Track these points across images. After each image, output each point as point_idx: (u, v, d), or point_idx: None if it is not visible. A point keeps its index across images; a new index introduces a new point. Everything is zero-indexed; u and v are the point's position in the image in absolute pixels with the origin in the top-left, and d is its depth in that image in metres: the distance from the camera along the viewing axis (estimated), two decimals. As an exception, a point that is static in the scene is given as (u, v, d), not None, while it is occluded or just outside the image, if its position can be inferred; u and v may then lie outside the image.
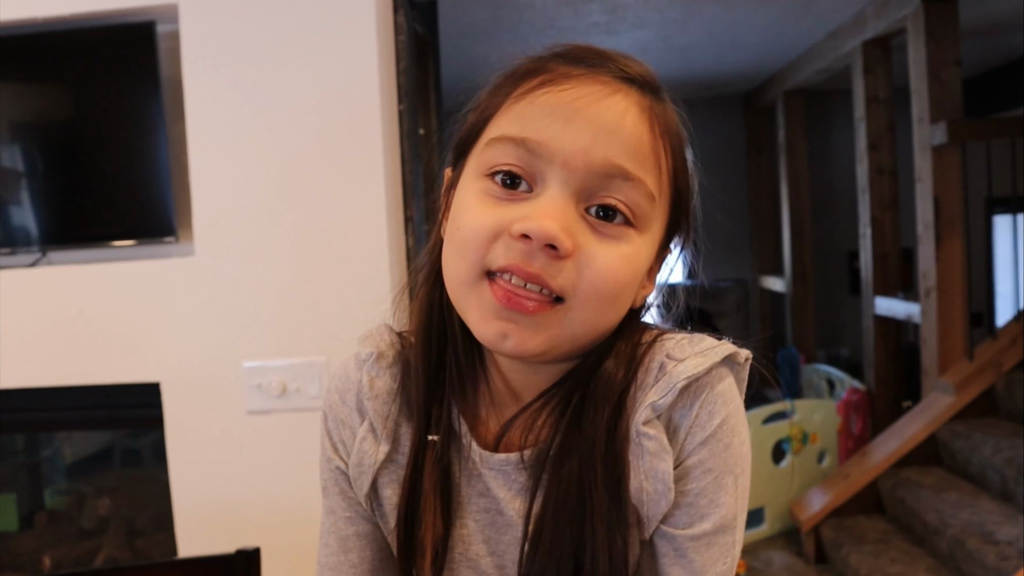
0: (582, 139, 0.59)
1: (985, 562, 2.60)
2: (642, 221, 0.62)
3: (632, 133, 0.60)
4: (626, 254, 0.61)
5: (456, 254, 0.62)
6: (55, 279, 1.74)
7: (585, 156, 0.59)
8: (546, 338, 0.61)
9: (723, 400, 0.63)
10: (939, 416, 3.41)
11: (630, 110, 0.61)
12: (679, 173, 0.66)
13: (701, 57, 4.89)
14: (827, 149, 6.00)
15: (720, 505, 0.63)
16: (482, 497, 0.68)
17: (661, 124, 0.63)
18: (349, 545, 0.73)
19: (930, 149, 3.52)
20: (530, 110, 0.61)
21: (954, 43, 3.51)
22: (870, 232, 4.20)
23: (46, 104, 1.82)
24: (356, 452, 0.71)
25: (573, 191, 0.60)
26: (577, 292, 0.60)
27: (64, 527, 2.15)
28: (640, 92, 0.63)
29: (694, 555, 0.62)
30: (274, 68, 1.63)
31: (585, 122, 0.59)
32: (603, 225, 0.60)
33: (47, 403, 1.79)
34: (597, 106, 0.60)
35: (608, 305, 0.62)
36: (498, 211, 0.60)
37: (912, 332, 4.60)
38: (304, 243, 1.63)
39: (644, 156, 0.61)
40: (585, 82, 0.61)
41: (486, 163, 0.62)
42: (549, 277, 0.59)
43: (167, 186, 1.72)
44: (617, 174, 0.60)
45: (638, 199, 0.61)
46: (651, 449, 0.61)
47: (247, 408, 1.66)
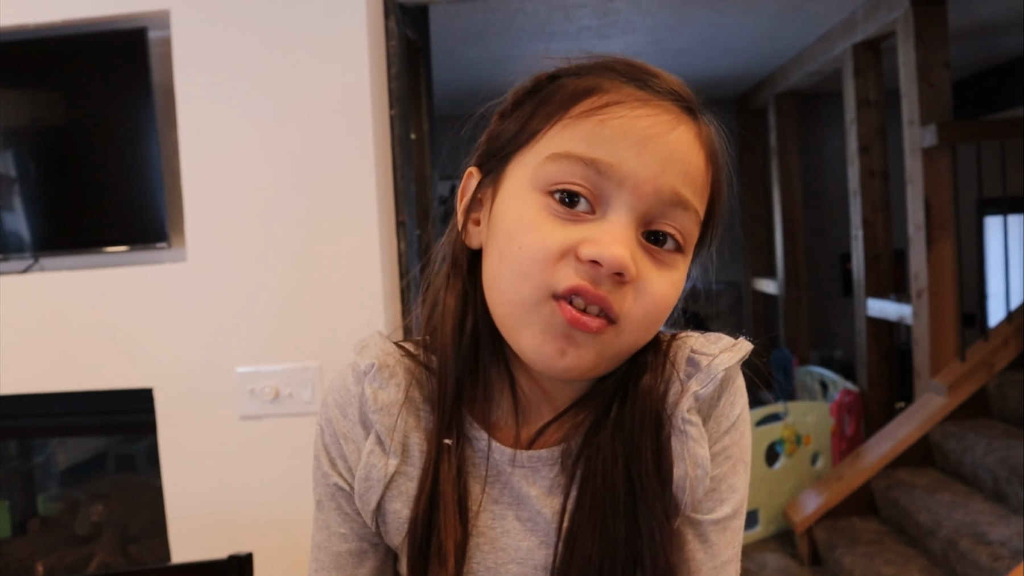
0: (653, 166, 0.60)
1: (978, 562, 2.61)
2: (689, 246, 0.64)
3: (695, 164, 0.62)
4: (675, 280, 0.63)
5: (516, 273, 0.61)
6: (48, 285, 1.74)
7: (655, 183, 0.60)
8: (596, 356, 0.62)
9: (741, 392, 0.68)
10: (932, 417, 3.43)
11: (693, 142, 0.63)
12: (717, 191, 0.67)
13: (692, 60, 4.91)
14: (819, 151, 6.02)
15: (736, 490, 0.67)
16: (498, 504, 0.67)
17: (709, 149, 0.65)
18: (342, 562, 0.72)
19: (920, 151, 3.54)
20: (601, 131, 0.60)
21: (943, 46, 3.53)
22: (862, 234, 4.22)
23: (38, 110, 1.82)
24: (363, 466, 0.69)
25: (637, 216, 0.61)
26: (631, 316, 0.61)
27: (57, 533, 2.15)
28: (695, 120, 0.64)
29: (715, 538, 0.66)
30: (266, 74, 1.63)
31: (658, 150, 0.60)
32: (657, 251, 0.62)
33: (40, 409, 1.79)
34: (668, 136, 0.61)
35: (654, 328, 0.64)
36: (564, 231, 0.60)
37: (904, 333, 4.62)
38: (296, 248, 1.63)
39: (700, 185, 0.63)
40: (656, 109, 0.62)
41: (546, 178, 0.61)
42: (614, 301, 0.60)
43: (159, 191, 1.72)
44: (679, 203, 0.61)
45: (690, 226, 0.63)
46: (694, 435, 0.64)
47: (240, 413, 1.66)
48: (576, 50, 0.68)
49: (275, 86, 1.63)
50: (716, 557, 0.66)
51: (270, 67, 1.63)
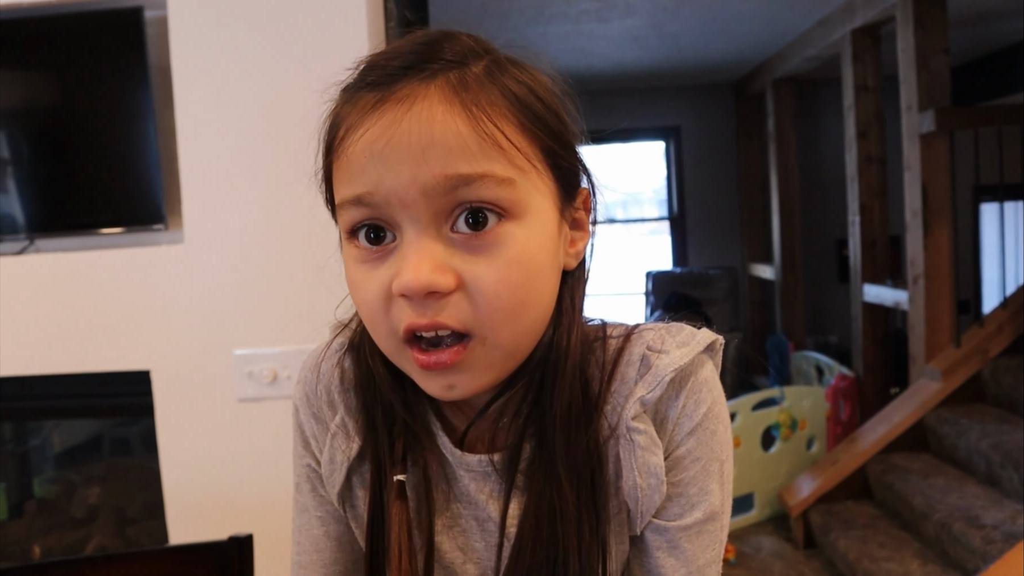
0: (404, 171, 0.54)
1: (971, 546, 2.63)
2: (513, 208, 0.56)
3: (447, 134, 0.54)
4: (512, 256, 0.56)
5: (370, 330, 0.61)
6: (43, 267, 1.73)
7: (415, 185, 0.54)
8: (483, 371, 0.58)
9: (707, 388, 0.62)
10: (926, 402, 3.44)
11: (434, 112, 0.55)
12: (534, 134, 0.58)
13: (691, 45, 4.89)
14: (816, 137, 6.01)
15: (709, 493, 0.63)
16: (457, 502, 0.66)
17: (477, 99, 0.56)
18: (321, 545, 0.71)
19: (918, 137, 3.54)
20: (350, 164, 0.57)
21: (942, 31, 3.52)
22: (859, 220, 4.22)
23: (32, 91, 1.81)
24: (328, 449, 0.68)
25: (428, 222, 0.56)
26: (481, 321, 0.56)
27: (54, 516, 2.15)
28: (442, 81, 0.56)
29: (686, 544, 0.62)
30: (263, 55, 1.62)
31: (396, 152, 0.54)
32: (476, 237, 0.56)
33: (36, 391, 1.78)
34: (401, 130, 0.54)
35: (519, 314, 0.57)
36: (376, 276, 0.57)
37: (900, 319, 4.64)
38: (294, 230, 1.63)
39: (474, 148, 0.55)
40: (382, 110, 0.56)
41: (344, 227, 0.59)
42: (447, 318, 0.56)
43: (156, 173, 1.71)
44: (457, 183, 0.54)
45: (494, 193, 0.55)
46: (642, 443, 0.61)
47: (238, 396, 1.66)
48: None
49: (273, 66, 1.61)
50: (691, 563, 0.62)
51: (268, 47, 1.61)
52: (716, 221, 6.34)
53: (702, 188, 6.31)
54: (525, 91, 0.59)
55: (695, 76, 5.86)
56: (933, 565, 2.79)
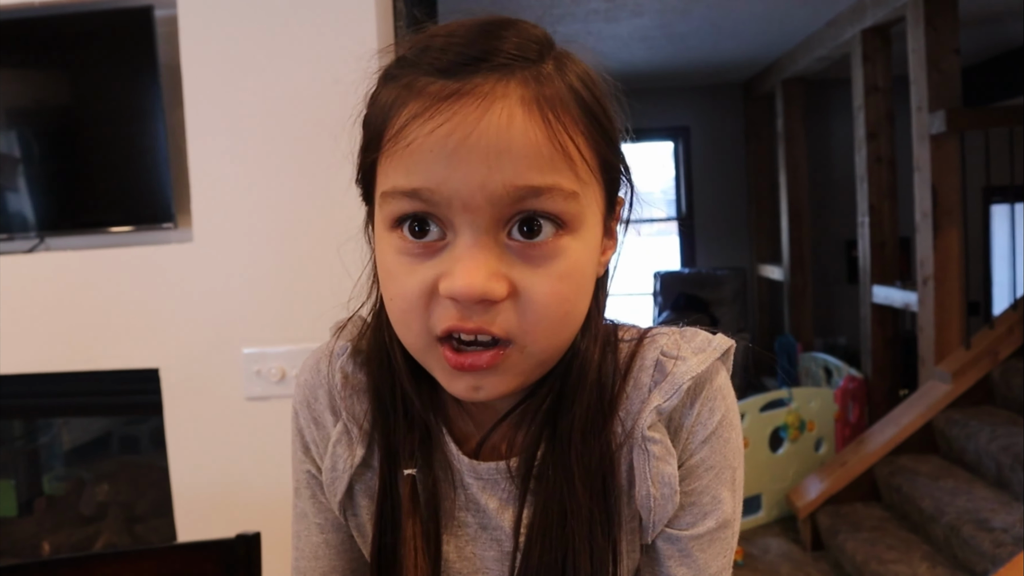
0: (475, 173, 0.52)
1: (980, 549, 2.61)
2: (573, 220, 0.55)
3: (524, 142, 0.52)
4: (565, 270, 0.55)
5: (399, 324, 0.58)
6: (53, 265, 1.73)
7: (483, 191, 0.52)
8: (513, 377, 0.57)
9: (722, 395, 0.62)
10: (936, 404, 3.43)
11: (514, 116, 0.52)
12: (597, 143, 0.57)
13: (700, 45, 4.88)
14: (826, 138, 5.99)
15: (721, 501, 0.62)
16: (464, 511, 0.64)
17: (554, 105, 0.54)
18: (319, 553, 0.69)
19: (928, 138, 3.52)
20: (412, 155, 0.53)
21: (953, 31, 3.50)
22: (868, 221, 4.20)
23: (43, 90, 1.81)
24: (330, 456, 0.66)
25: (487, 228, 0.53)
26: (525, 331, 0.55)
27: (63, 513, 2.16)
28: (520, 81, 0.54)
29: (698, 553, 0.61)
30: (273, 54, 1.62)
31: (470, 153, 0.52)
32: (531, 247, 0.54)
33: (45, 389, 1.79)
34: (478, 131, 0.51)
35: (562, 326, 0.57)
36: (420, 272, 0.55)
37: (909, 321, 4.61)
38: (303, 229, 1.63)
39: (547, 158, 0.53)
40: (457, 101, 0.52)
41: (389, 216, 0.56)
42: (490, 325, 0.54)
43: (165, 172, 1.71)
44: (526, 194, 0.53)
45: (559, 206, 0.54)
46: (656, 453, 0.60)
47: (246, 394, 1.66)
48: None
49: (282, 65, 1.61)
50: (702, 571, 0.61)
51: (277, 46, 1.61)
52: (724, 222, 6.32)
53: (711, 188, 6.30)
54: (589, 94, 0.57)
55: (704, 76, 5.85)
56: (942, 568, 2.78)
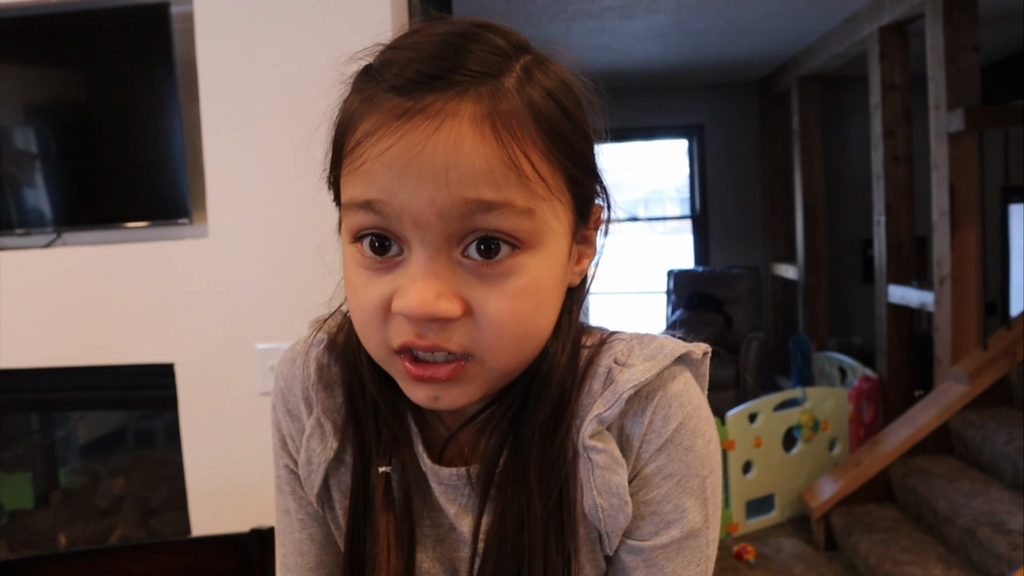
0: (422, 191, 0.52)
1: (996, 551, 2.59)
2: (530, 237, 0.54)
3: (473, 158, 0.51)
4: (520, 287, 0.54)
5: (360, 333, 0.59)
6: (70, 260, 1.75)
7: (432, 206, 0.52)
8: (475, 388, 0.57)
9: (679, 402, 0.59)
10: (952, 405, 3.40)
11: (464, 134, 0.52)
12: (559, 160, 0.55)
13: (716, 42, 4.85)
14: (842, 136, 5.95)
15: (686, 510, 0.59)
16: (434, 511, 0.64)
17: (509, 122, 0.53)
18: (303, 548, 0.69)
19: (946, 136, 3.49)
20: (365, 170, 0.54)
21: (973, 29, 3.47)
22: (884, 220, 4.17)
23: (60, 86, 1.82)
24: (304, 450, 0.66)
25: (440, 245, 0.53)
26: (483, 346, 0.55)
27: (79, 506, 2.17)
28: (474, 98, 0.53)
29: (664, 562, 0.59)
30: (288, 50, 1.62)
31: (421, 170, 0.51)
32: (486, 265, 0.54)
33: (61, 383, 1.80)
34: (427, 149, 0.51)
35: (522, 343, 0.56)
36: (378, 286, 0.55)
37: (925, 321, 4.58)
38: (318, 225, 1.63)
39: (499, 175, 0.52)
40: (408, 124, 0.52)
41: (349, 229, 0.57)
42: (447, 342, 0.54)
43: (181, 168, 1.72)
44: (476, 208, 0.52)
45: (511, 223, 0.53)
46: (601, 463, 0.58)
47: (260, 389, 1.67)
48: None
49: (298, 61, 1.62)
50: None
51: (293, 43, 1.62)
52: (739, 220, 6.29)
53: (725, 186, 6.27)
54: (554, 109, 0.55)
55: (719, 74, 5.82)
56: (957, 570, 2.76)
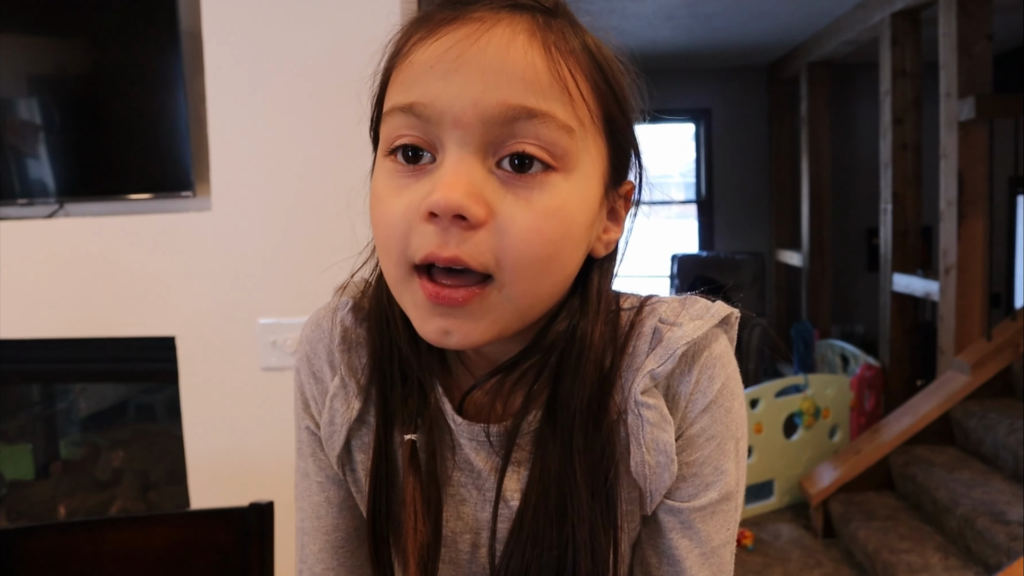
0: (469, 89, 0.52)
1: (995, 542, 2.59)
2: (565, 159, 0.54)
3: (523, 64, 0.52)
4: (551, 207, 0.53)
5: (381, 252, 0.58)
6: (72, 231, 1.74)
7: (475, 107, 0.52)
8: (489, 324, 0.55)
9: (721, 363, 0.60)
10: (954, 395, 3.39)
11: (516, 39, 0.52)
12: (602, 94, 0.56)
13: (726, 25, 4.81)
14: (850, 123, 5.91)
15: (724, 472, 0.60)
16: (458, 470, 0.64)
17: (560, 44, 0.54)
18: (321, 512, 0.69)
19: (957, 124, 3.46)
20: (412, 72, 0.54)
21: (986, 16, 3.43)
22: (891, 208, 4.15)
23: (64, 57, 1.81)
24: (328, 410, 0.66)
25: (476, 149, 0.53)
26: (503, 264, 0.53)
27: (79, 478, 2.18)
28: (529, 16, 0.54)
29: (700, 525, 0.60)
30: (295, 21, 1.60)
31: (466, 68, 0.52)
32: (518, 178, 0.53)
33: (63, 354, 1.80)
34: (476, 47, 0.52)
35: (543, 269, 0.54)
36: (406, 195, 0.55)
37: (929, 310, 4.57)
38: (323, 200, 1.62)
39: (545, 85, 0.52)
40: (461, 24, 0.53)
41: (386, 140, 0.57)
42: (468, 256, 0.52)
43: (185, 140, 1.70)
44: (519, 115, 0.52)
45: (551, 135, 0.53)
46: (651, 419, 0.58)
47: (262, 364, 1.66)
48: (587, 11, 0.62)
49: (304, 34, 1.60)
50: (705, 543, 0.60)
51: (299, 15, 1.60)
52: (744, 206, 6.27)
53: (731, 172, 6.24)
54: (598, 52, 0.57)
55: (728, 58, 5.78)
56: (955, 559, 2.76)
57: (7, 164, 1.78)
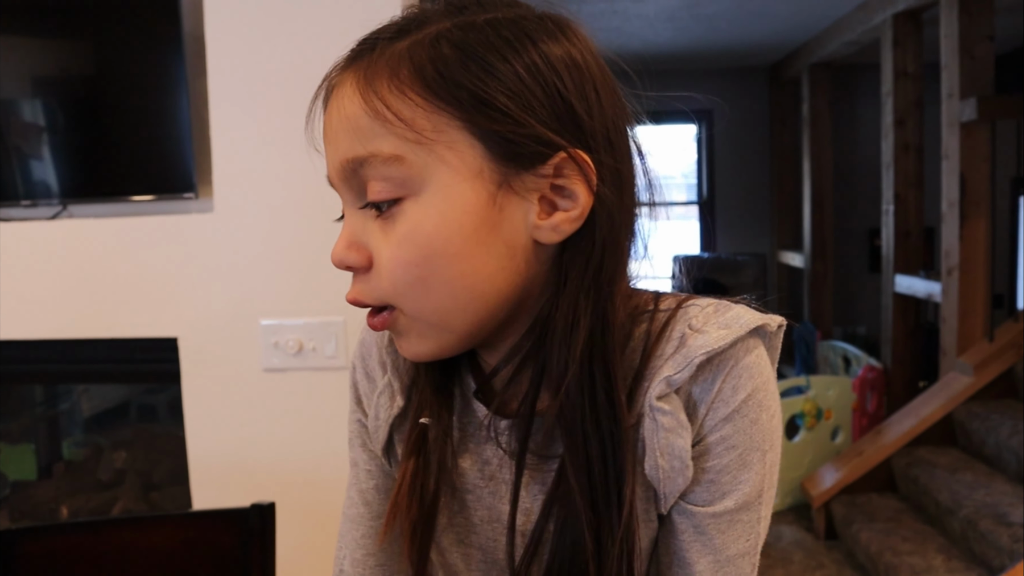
0: (330, 155, 0.60)
1: (998, 543, 2.59)
2: (407, 185, 0.55)
3: (348, 118, 0.57)
4: (403, 234, 0.56)
5: None
6: (75, 232, 1.74)
7: (334, 169, 0.59)
8: (419, 339, 0.60)
9: (749, 374, 0.58)
10: (956, 396, 3.39)
11: (344, 97, 0.58)
12: (452, 91, 0.54)
13: (727, 27, 4.81)
14: (851, 124, 5.91)
15: (743, 482, 0.59)
16: (479, 458, 0.65)
17: (380, 72, 0.56)
18: (369, 498, 0.72)
19: (958, 125, 3.46)
20: None
21: (988, 17, 3.43)
22: (893, 209, 4.15)
23: (67, 59, 1.81)
24: (374, 406, 0.70)
25: (352, 201, 0.59)
26: (388, 295, 0.58)
27: (81, 478, 2.18)
28: (354, 66, 0.58)
29: (715, 533, 0.60)
30: (297, 24, 1.61)
31: (328, 136, 0.60)
32: (382, 218, 0.57)
33: (65, 355, 1.80)
34: (328, 117, 0.60)
35: (424, 289, 0.56)
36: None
37: (931, 311, 4.56)
38: (324, 202, 1.62)
39: (365, 128, 0.56)
40: (330, 95, 0.61)
41: None
42: (363, 296, 0.59)
43: (187, 142, 1.71)
44: (354, 166, 0.57)
45: (383, 171, 0.55)
46: (666, 425, 0.58)
47: (263, 366, 1.67)
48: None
49: (306, 37, 1.60)
50: (719, 551, 0.60)
51: (302, 17, 1.60)
52: (746, 207, 6.27)
53: (733, 173, 6.23)
54: (455, 58, 0.55)
55: (730, 59, 5.78)
56: (957, 561, 2.76)
57: (11, 165, 1.79)
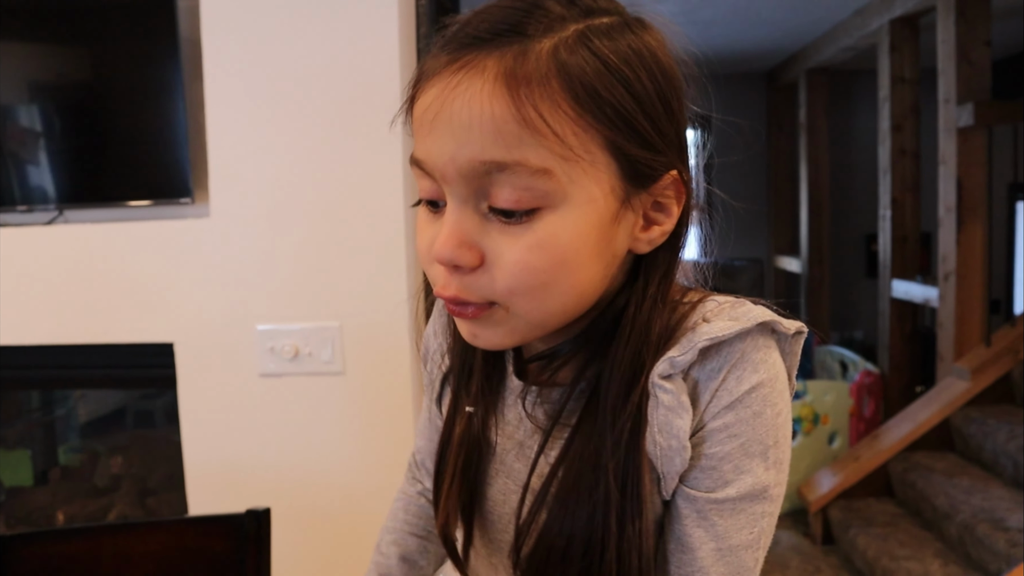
0: (445, 148, 0.56)
1: (995, 548, 2.59)
2: (547, 198, 0.56)
3: (488, 116, 0.54)
4: (536, 241, 0.56)
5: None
6: (71, 237, 1.74)
7: (453, 164, 0.56)
8: (506, 333, 0.61)
9: (755, 368, 0.60)
10: (953, 401, 3.39)
11: (481, 89, 0.54)
12: (597, 109, 0.55)
13: (724, 32, 4.82)
14: (849, 129, 5.92)
15: (747, 472, 0.60)
16: (510, 433, 0.69)
17: (528, 81, 0.54)
18: (432, 435, 0.83)
19: (955, 131, 3.47)
20: (415, 123, 0.59)
21: (985, 23, 3.45)
22: (890, 214, 4.15)
23: (64, 64, 1.81)
24: (430, 363, 0.79)
25: (465, 199, 0.57)
26: (498, 296, 0.58)
27: (77, 484, 2.18)
28: (498, 55, 0.55)
29: (717, 519, 0.60)
30: (294, 29, 1.61)
31: (442, 127, 0.56)
32: (507, 221, 0.57)
33: (62, 360, 1.80)
34: (450, 103, 0.55)
35: (540, 294, 0.58)
36: (430, 230, 0.61)
37: (928, 316, 4.57)
38: (320, 208, 1.62)
39: (513, 134, 0.54)
40: (441, 77, 0.56)
41: (419, 189, 0.63)
42: (466, 293, 0.59)
43: (184, 147, 1.71)
44: (491, 169, 0.55)
45: (526, 182, 0.55)
46: (666, 403, 0.59)
47: (260, 371, 1.66)
48: None
49: (303, 42, 1.60)
50: (721, 539, 0.61)
51: (298, 22, 1.60)
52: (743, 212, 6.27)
53: (730, 178, 6.24)
54: (598, 72, 0.56)
55: (727, 64, 5.79)
56: (954, 566, 2.76)
57: (7, 171, 1.79)
